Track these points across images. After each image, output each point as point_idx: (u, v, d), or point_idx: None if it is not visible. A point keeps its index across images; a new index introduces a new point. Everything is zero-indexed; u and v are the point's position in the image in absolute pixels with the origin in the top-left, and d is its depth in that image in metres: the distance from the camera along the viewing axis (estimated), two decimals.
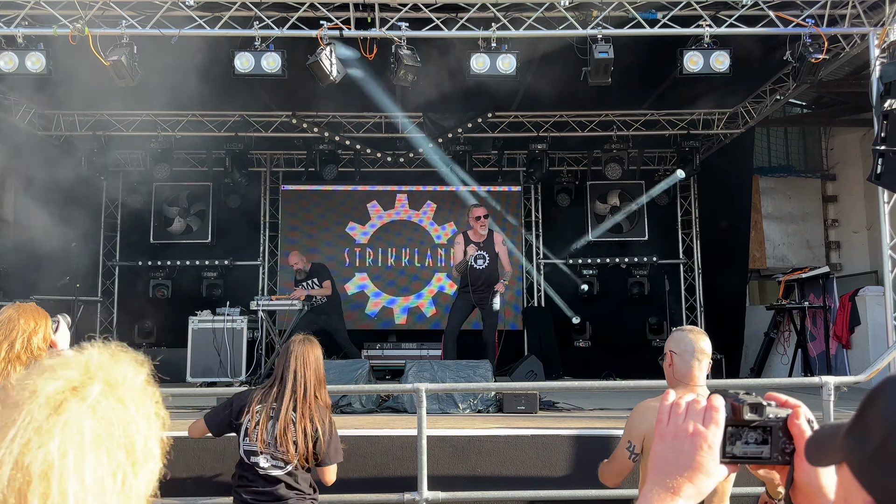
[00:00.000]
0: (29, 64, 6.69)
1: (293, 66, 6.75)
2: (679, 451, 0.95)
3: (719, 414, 0.96)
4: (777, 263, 11.47)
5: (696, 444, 0.94)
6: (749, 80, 8.55)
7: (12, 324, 3.15)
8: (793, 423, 0.96)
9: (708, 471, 0.94)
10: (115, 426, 0.87)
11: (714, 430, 0.95)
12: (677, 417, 0.98)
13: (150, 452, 0.91)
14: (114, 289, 11.29)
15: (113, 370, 0.91)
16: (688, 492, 0.93)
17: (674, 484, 0.94)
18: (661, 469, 0.96)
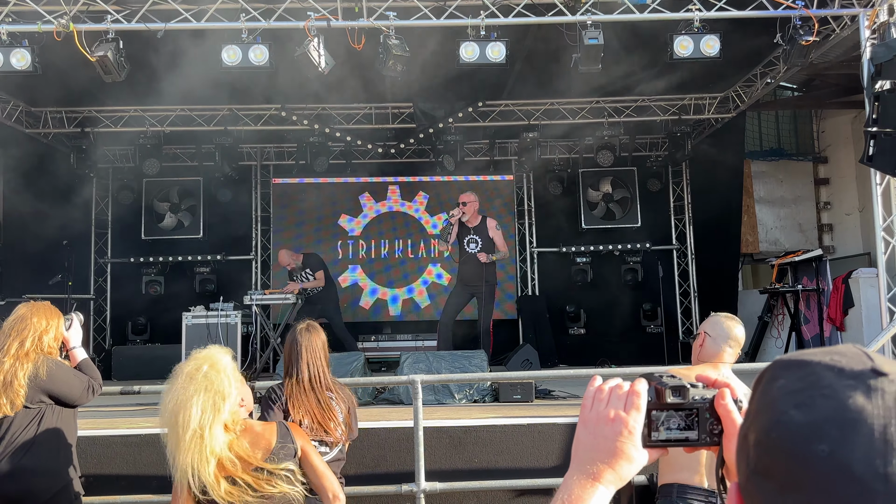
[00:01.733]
0: (14, 61, 6.61)
1: (281, 58, 6.69)
2: (600, 437, 0.93)
3: (640, 399, 0.93)
4: (770, 247, 11.50)
5: (617, 429, 0.93)
6: (739, 64, 8.53)
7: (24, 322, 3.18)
8: (719, 404, 0.93)
9: (629, 456, 0.92)
10: (213, 383, 2.33)
11: (635, 415, 0.93)
12: (600, 403, 0.96)
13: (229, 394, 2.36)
14: (106, 286, 11.24)
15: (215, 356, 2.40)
16: (608, 477, 0.92)
17: (595, 470, 0.92)
18: (582, 455, 0.94)
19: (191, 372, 2.32)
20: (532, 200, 11.48)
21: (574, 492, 0.92)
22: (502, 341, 10.40)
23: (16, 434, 3.07)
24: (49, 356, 3.22)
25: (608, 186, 11.27)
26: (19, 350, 3.14)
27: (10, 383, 3.05)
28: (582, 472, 0.93)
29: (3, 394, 3.04)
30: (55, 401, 3.19)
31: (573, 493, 0.92)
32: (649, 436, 0.93)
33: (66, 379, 3.22)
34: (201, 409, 2.26)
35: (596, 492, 0.91)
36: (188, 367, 2.34)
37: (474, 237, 7.63)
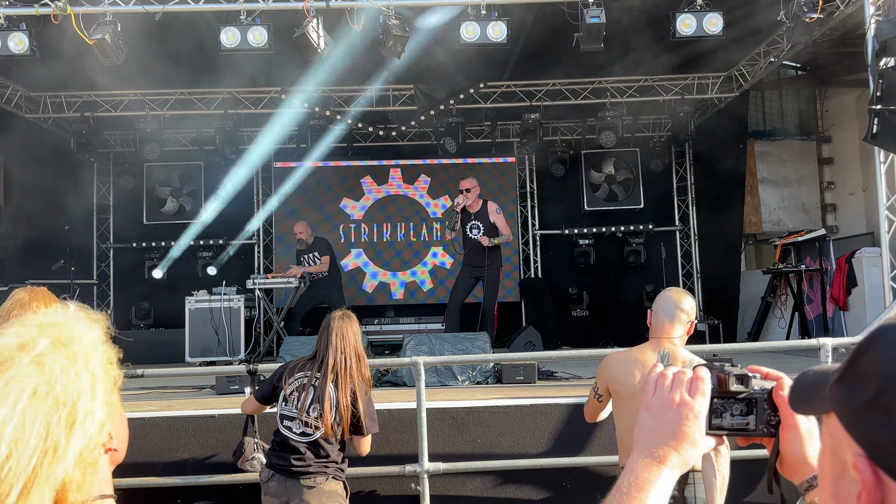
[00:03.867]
0: (11, 45, 6.57)
1: (280, 39, 6.64)
2: (665, 422, 0.95)
3: (705, 384, 0.96)
4: (773, 227, 11.46)
5: (683, 414, 0.95)
6: (743, 43, 8.44)
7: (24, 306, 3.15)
8: (777, 395, 0.95)
9: (694, 441, 0.95)
10: (58, 382, 0.83)
11: (700, 400, 0.95)
12: (663, 388, 0.98)
13: (91, 411, 0.86)
14: (109, 271, 11.25)
15: (66, 327, 0.88)
16: (673, 461, 0.94)
17: (660, 453, 0.94)
18: (646, 439, 0.96)
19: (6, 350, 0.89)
20: (534, 182, 11.43)
21: (640, 474, 0.93)
22: (505, 323, 10.40)
23: None
24: None
25: (611, 167, 11.22)
26: None
27: None
28: (647, 456, 0.95)
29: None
30: None
31: (639, 475, 0.93)
32: (710, 422, 0.95)
33: None
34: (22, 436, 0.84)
35: (662, 474, 0.93)
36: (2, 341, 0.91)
37: (476, 223, 7.63)
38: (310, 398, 3.33)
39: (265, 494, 3.39)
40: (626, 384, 2.93)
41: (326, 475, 3.35)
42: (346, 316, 3.51)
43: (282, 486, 3.31)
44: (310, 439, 3.34)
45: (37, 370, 0.82)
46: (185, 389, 6.05)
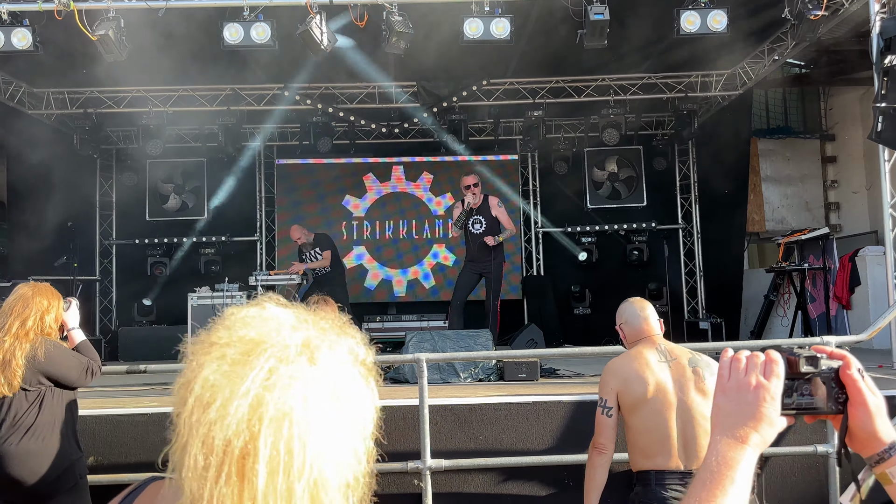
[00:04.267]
0: (15, 41, 6.57)
1: (283, 36, 6.63)
2: (743, 404, 1.01)
3: (779, 366, 1.01)
4: (776, 226, 11.44)
5: (760, 396, 1.00)
6: (747, 40, 8.42)
7: (26, 301, 3.17)
8: (844, 374, 1.01)
9: (771, 421, 1.00)
10: (348, 395, 0.86)
11: (776, 382, 1.00)
12: (738, 372, 1.03)
13: (368, 426, 0.89)
14: (112, 267, 11.26)
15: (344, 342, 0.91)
16: (755, 440, 0.99)
17: (741, 433, 0.99)
18: (725, 421, 1.01)
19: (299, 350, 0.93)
20: (537, 180, 11.42)
21: (726, 454, 0.98)
22: (507, 321, 10.40)
23: (18, 417, 3.08)
24: (48, 337, 3.21)
25: (614, 165, 11.21)
26: (20, 330, 3.13)
27: (8, 363, 3.04)
28: (729, 436, 1.00)
29: (2, 373, 3.03)
30: (54, 383, 3.19)
31: (725, 454, 0.98)
32: (783, 403, 1.01)
33: (65, 360, 3.22)
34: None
35: (745, 453, 0.98)
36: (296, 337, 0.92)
37: (478, 217, 7.64)
38: None
39: None
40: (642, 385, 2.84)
41: None
42: (321, 301, 3.49)
43: None
44: None
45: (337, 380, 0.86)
46: None
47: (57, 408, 3.19)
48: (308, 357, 0.84)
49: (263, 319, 0.88)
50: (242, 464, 0.78)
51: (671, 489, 2.77)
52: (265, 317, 0.88)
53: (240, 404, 0.79)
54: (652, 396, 2.81)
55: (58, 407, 3.19)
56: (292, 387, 0.81)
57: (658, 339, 3.01)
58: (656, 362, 2.89)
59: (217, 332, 0.87)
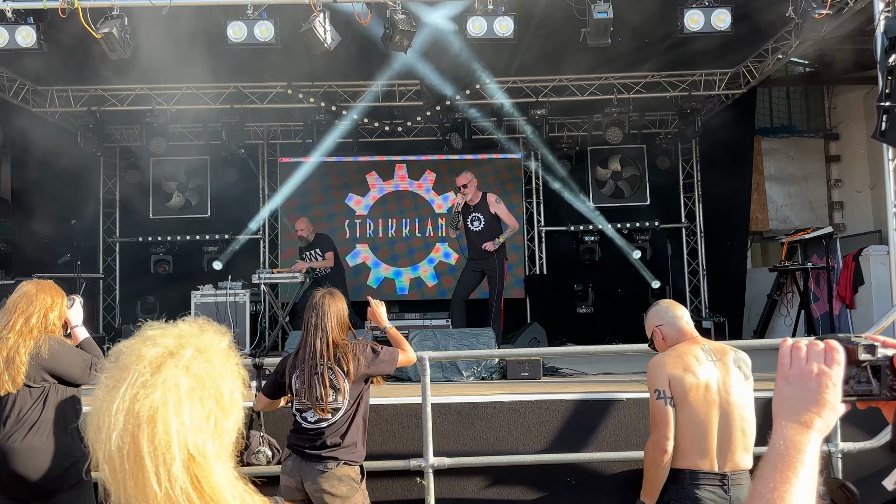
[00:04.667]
0: (19, 39, 6.58)
1: (287, 34, 6.64)
2: (806, 390, 1.05)
3: (840, 354, 1.05)
4: (779, 225, 11.42)
5: (823, 383, 1.04)
6: (751, 39, 8.41)
7: (30, 299, 3.19)
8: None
9: (834, 406, 1.04)
10: (205, 381, 1.09)
11: (837, 369, 1.04)
12: (800, 360, 1.07)
13: (235, 402, 1.13)
14: (115, 265, 11.28)
15: (201, 338, 1.14)
16: (819, 425, 1.03)
17: (806, 419, 1.03)
18: (790, 407, 1.05)
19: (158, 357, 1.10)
20: (540, 179, 11.41)
21: (794, 438, 1.02)
22: (510, 320, 10.39)
23: (22, 414, 3.09)
24: (51, 335, 3.22)
25: (617, 164, 11.20)
26: (24, 327, 3.14)
27: (12, 360, 3.05)
28: (794, 422, 1.04)
29: (6, 371, 3.04)
30: (58, 380, 3.19)
31: (793, 439, 1.02)
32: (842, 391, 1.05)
33: (68, 357, 3.23)
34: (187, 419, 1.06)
35: (811, 437, 1.03)
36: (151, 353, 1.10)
37: (477, 215, 7.64)
38: (317, 386, 3.33)
39: (283, 473, 3.45)
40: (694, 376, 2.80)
41: (338, 461, 3.36)
42: (328, 293, 3.49)
43: (296, 467, 3.38)
44: (324, 425, 3.35)
45: (185, 373, 1.08)
46: None
47: (61, 405, 3.20)
48: (169, 362, 1.08)
49: (130, 347, 1.11)
50: (134, 462, 1.02)
51: (705, 489, 2.73)
52: (132, 345, 1.11)
53: (117, 419, 1.03)
54: (697, 394, 2.78)
55: (61, 404, 3.21)
56: (155, 392, 1.04)
57: (700, 339, 2.98)
58: (705, 360, 2.87)
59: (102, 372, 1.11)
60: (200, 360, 1.09)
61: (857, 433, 4.42)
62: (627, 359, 6.76)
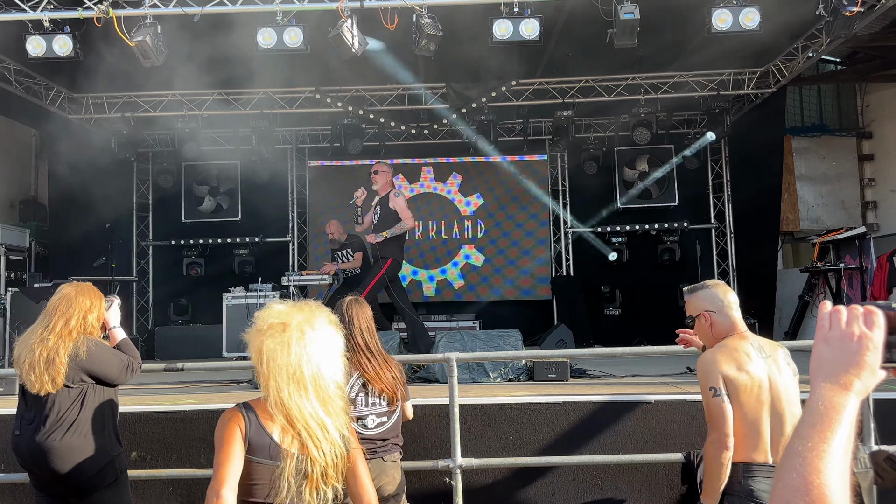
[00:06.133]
0: (56, 47, 6.77)
1: (315, 39, 6.73)
2: (847, 352, 1.05)
3: (880, 318, 1.05)
4: (811, 225, 11.26)
5: (864, 345, 1.04)
6: (780, 37, 8.31)
7: (70, 301, 3.27)
8: None
9: (873, 369, 1.04)
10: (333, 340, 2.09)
11: (878, 332, 1.05)
12: (840, 322, 1.07)
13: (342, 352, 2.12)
14: (148, 268, 11.51)
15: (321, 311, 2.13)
16: (857, 387, 1.03)
17: (845, 381, 1.03)
18: (829, 368, 1.05)
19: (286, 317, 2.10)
20: (566, 180, 11.39)
21: (832, 399, 1.02)
22: (537, 321, 10.41)
23: (61, 413, 3.17)
24: (90, 336, 3.30)
25: (645, 164, 11.14)
26: (63, 329, 3.22)
27: (52, 361, 3.14)
28: (832, 383, 1.04)
29: (46, 371, 3.13)
30: (96, 380, 3.27)
31: (832, 400, 1.02)
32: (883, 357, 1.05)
33: (106, 358, 3.31)
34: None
35: (849, 399, 1.02)
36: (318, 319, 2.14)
37: (378, 207, 7.29)
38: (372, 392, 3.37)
39: None
40: (747, 375, 2.76)
41: (399, 449, 3.50)
42: (358, 300, 3.54)
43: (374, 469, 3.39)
44: (386, 426, 3.40)
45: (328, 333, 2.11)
46: (222, 384, 6.18)
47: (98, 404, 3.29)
48: (309, 326, 2.04)
49: (279, 312, 2.06)
50: (297, 378, 1.99)
51: (760, 481, 2.70)
52: (277, 311, 2.06)
53: (289, 354, 2.00)
54: (750, 392, 2.76)
55: (99, 404, 3.29)
56: (311, 343, 2.03)
57: (748, 334, 2.90)
58: (756, 357, 2.84)
59: (258, 323, 2.06)
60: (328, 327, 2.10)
61: None
62: (656, 360, 6.73)
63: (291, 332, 1.99)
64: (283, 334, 1.99)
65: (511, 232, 11.12)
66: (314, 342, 2.02)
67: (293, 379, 1.97)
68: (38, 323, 3.26)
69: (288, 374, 1.97)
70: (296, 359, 1.98)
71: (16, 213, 10.95)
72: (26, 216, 10.91)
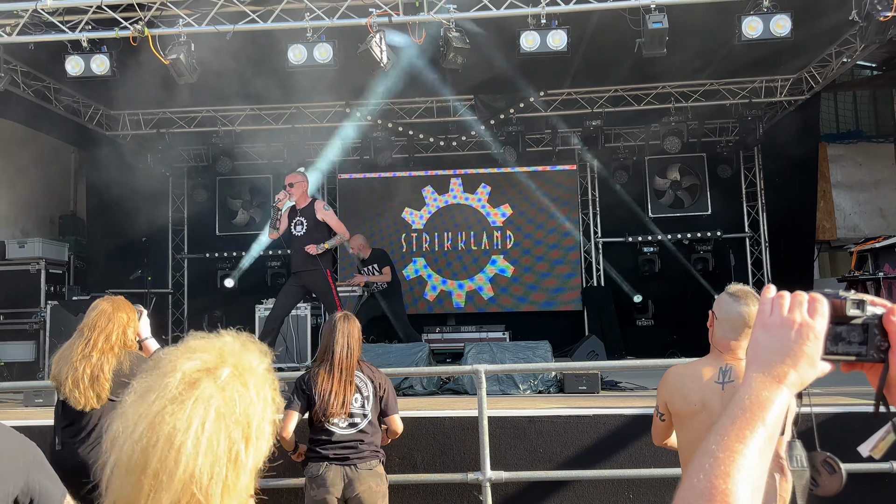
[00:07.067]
0: (94, 66, 6.96)
1: (344, 55, 6.81)
2: (785, 340, 0.96)
3: (824, 306, 0.97)
4: (848, 234, 11.03)
5: (803, 334, 0.96)
6: (813, 44, 8.19)
7: (108, 317, 3.33)
8: (889, 321, 0.96)
9: (813, 361, 0.96)
10: (237, 405, 1.03)
11: (820, 321, 0.96)
12: (781, 308, 0.99)
13: (262, 432, 1.05)
14: (183, 281, 11.71)
15: (242, 357, 1.08)
16: (792, 380, 0.95)
17: (779, 372, 0.95)
18: (765, 357, 0.97)
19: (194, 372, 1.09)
20: (596, 190, 11.33)
21: (760, 393, 0.94)
22: (567, 333, 10.34)
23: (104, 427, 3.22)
24: (130, 350, 3.37)
25: (676, 173, 11.03)
26: (105, 344, 3.28)
27: (97, 377, 3.20)
28: (766, 374, 0.95)
29: (91, 387, 3.19)
30: None
31: (759, 394, 0.94)
32: (825, 349, 0.97)
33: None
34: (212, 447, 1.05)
35: (780, 393, 0.94)
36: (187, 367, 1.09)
37: (301, 219, 7.10)
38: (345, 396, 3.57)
39: (317, 486, 3.52)
40: (687, 402, 2.69)
41: (378, 458, 3.63)
42: (348, 317, 3.74)
43: (337, 475, 3.52)
44: (356, 430, 3.59)
45: (219, 393, 1.02)
46: None
47: None
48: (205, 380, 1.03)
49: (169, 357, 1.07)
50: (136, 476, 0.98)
51: None
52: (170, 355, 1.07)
53: (136, 428, 0.99)
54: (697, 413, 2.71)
55: None
56: (183, 412, 0.99)
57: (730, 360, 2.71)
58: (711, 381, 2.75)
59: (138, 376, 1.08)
60: (236, 383, 1.04)
61: None
62: None
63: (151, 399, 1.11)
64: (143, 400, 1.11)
65: (541, 242, 11.09)
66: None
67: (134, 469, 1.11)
68: (76, 339, 3.31)
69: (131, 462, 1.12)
70: None
71: (55, 227, 11.24)
72: (66, 231, 11.20)
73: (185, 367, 1.03)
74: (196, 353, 1.06)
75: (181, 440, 0.97)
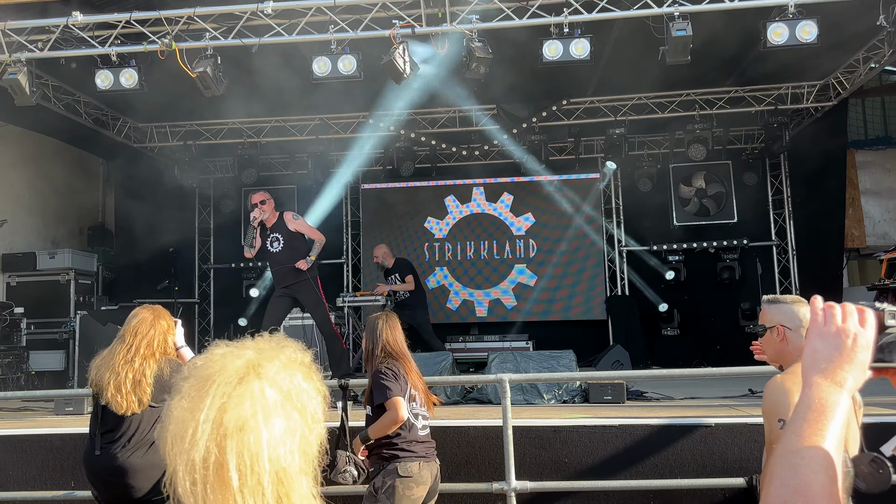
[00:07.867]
0: (123, 80, 7.09)
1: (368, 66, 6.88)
2: (842, 349, 1.05)
3: (873, 317, 1.06)
4: (878, 241, 10.84)
5: (859, 343, 1.05)
6: (840, 49, 8.09)
7: (150, 324, 3.43)
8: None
9: (864, 368, 1.05)
10: (291, 394, 1.07)
11: (871, 331, 1.06)
12: (834, 318, 1.07)
13: (317, 417, 1.10)
14: (210, 290, 11.83)
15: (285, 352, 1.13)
16: (850, 385, 1.04)
17: (839, 378, 1.04)
18: (823, 364, 1.05)
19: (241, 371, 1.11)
20: (620, 198, 11.27)
21: (827, 397, 1.02)
22: (591, 342, 10.27)
23: (145, 432, 3.29)
24: (170, 357, 3.44)
25: (701, 181, 10.93)
26: (147, 350, 3.36)
27: (139, 382, 3.27)
28: (825, 378, 1.04)
29: (133, 392, 3.26)
30: None
31: (827, 398, 1.02)
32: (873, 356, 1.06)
33: None
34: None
35: (842, 396, 1.03)
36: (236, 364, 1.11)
37: (276, 235, 7.16)
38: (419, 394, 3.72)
39: (418, 486, 3.53)
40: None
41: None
42: (390, 315, 3.86)
43: (429, 471, 3.63)
44: (426, 422, 3.75)
45: (273, 384, 1.06)
46: None
47: None
48: (254, 374, 1.05)
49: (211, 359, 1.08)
50: (218, 473, 0.98)
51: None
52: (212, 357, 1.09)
53: (203, 429, 0.99)
54: None
55: None
56: (244, 403, 1.02)
57: None
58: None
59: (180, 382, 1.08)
60: (284, 374, 1.08)
61: None
62: (716, 382, 6.56)
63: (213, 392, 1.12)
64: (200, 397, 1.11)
65: (564, 251, 11.04)
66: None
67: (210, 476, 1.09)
68: (117, 344, 3.39)
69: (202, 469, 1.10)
70: None
71: (84, 238, 11.44)
72: (94, 242, 11.39)
73: (233, 364, 1.06)
74: (240, 351, 1.10)
75: (254, 427, 1.00)
